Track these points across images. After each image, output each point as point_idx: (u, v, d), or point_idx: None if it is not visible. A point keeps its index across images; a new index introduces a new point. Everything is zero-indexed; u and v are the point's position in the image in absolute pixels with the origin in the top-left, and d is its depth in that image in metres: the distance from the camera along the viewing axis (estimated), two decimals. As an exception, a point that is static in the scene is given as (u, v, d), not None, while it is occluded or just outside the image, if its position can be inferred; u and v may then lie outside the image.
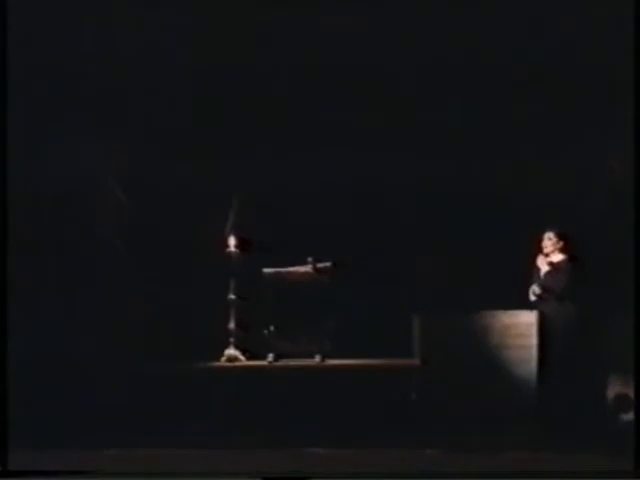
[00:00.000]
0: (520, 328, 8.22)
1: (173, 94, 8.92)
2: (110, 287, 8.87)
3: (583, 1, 8.23)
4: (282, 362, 8.34)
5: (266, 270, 8.49)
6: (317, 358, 8.34)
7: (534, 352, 8.16)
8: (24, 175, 7.89)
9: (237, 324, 8.49)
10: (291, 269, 8.50)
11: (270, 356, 8.41)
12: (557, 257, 8.54)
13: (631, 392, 7.51)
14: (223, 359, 8.47)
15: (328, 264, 8.44)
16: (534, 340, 8.18)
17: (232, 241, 8.59)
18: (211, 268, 8.66)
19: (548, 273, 8.48)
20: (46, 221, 8.58)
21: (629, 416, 7.64)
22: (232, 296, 8.51)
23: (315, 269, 8.44)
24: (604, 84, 8.44)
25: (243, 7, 8.51)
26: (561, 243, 8.52)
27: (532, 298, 8.47)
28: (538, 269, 8.54)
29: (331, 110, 8.94)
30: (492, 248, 8.87)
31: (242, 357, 8.46)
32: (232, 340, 8.47)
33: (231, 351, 8.48)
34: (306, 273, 8.45)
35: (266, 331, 8.43)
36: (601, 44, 8.24)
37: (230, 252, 8.59)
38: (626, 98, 7.25)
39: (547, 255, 8.53)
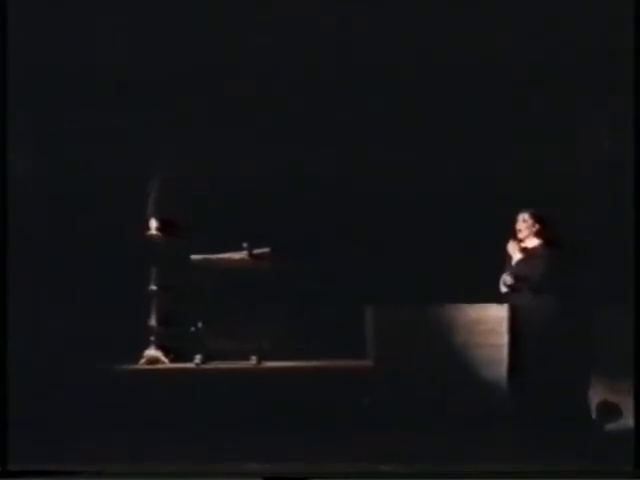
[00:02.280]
0: (489, 324, 7.85)
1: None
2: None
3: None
4: (212, 364, 8.09)
5: (194, 256, 8.15)
6: (253, 359, 8.08)
7: (505, 351, 7.82)
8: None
9: (159, 320, 8.24)
10: (223, 255, 8.20)
11: (198, 357, 8.10)
12: (532, 242, 8.01)
13: (615, 397, 7.45)
14: (142, 361, 8.18)
15: (266, 250, 8.17)
16: (505, 338, 7.83)
17: (154, 223, 8.28)
18: (129, 254, 8.35)
19: (522, 261, 7.95)
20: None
21: (613, 425, 7.44)
22: (153, 287, 8.23)
23: (251, 255, 8.15)
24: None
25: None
26: (537, 226, 7.99)
27: (503, 289, 7.96)
28: (510, 256, 8.04)
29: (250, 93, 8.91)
30: (457, 234, 8.71)
31: (165, 359, 8.18)
32: (153, 339, 8.21)
33: (152, 352, 8.19)
34: (241, 260, 8.17)
35: (193, 328, 8.16)
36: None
37: (152, 235, 8.29)
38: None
39: (521, 240, 8.04)
